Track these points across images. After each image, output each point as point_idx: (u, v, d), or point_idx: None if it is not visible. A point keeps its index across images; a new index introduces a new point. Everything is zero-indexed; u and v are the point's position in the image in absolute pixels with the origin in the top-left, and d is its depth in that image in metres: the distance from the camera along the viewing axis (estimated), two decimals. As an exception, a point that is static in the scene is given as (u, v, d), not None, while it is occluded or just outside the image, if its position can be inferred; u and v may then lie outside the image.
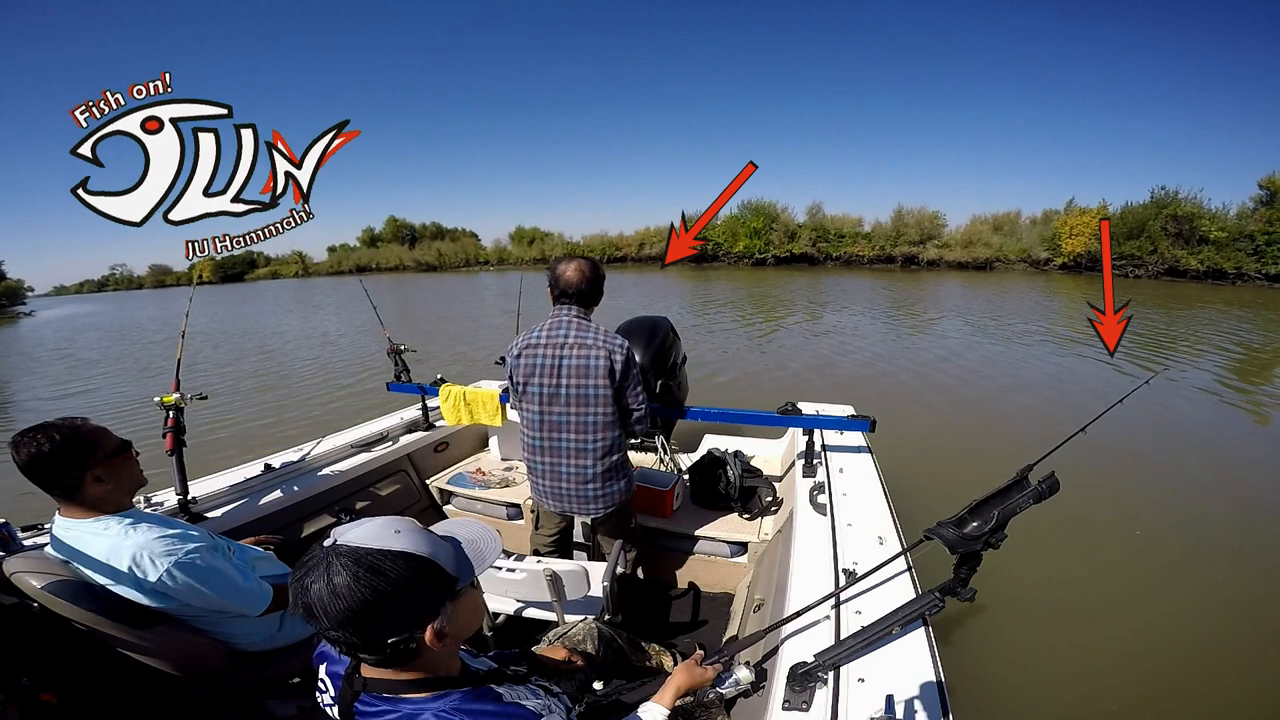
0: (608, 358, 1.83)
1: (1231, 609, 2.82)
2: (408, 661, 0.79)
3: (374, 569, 0.71)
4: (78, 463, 1.30)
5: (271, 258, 69.02)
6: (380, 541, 0.73)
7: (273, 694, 1.54)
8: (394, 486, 2.81)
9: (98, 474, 1.33)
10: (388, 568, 0.72)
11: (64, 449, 1.28)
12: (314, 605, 0.70)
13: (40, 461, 1.26)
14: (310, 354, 11.14)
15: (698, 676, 1.24)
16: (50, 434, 1.27)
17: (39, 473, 1.28)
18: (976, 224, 28.94)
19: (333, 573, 0.70)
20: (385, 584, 0.71)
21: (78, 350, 14.83)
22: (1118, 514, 3.69)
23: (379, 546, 0.73)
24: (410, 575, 0.73)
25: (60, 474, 1.29)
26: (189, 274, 75.79)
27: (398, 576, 0.72)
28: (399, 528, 0.76)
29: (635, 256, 37.18)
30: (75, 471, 1.30)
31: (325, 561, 0.71)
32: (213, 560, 1.42)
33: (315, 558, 0.73)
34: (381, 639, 0.74)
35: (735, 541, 2.40)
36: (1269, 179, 21.83)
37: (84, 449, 1.31)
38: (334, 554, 0.72)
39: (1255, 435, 5.37)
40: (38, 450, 1.25)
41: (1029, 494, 1.22)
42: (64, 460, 1.28)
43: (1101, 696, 2.32)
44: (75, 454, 1.30)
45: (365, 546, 0.72)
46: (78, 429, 1.32)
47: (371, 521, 0.77)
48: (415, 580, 0.74)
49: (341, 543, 0.73)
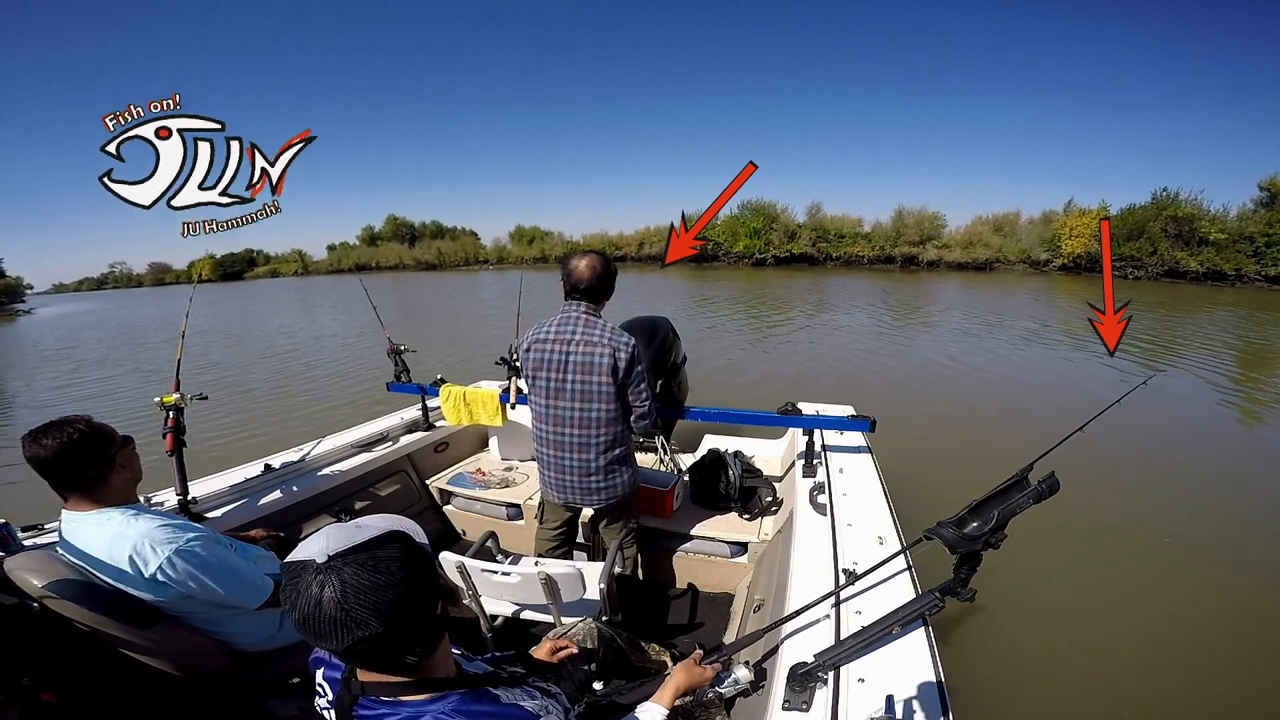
0: (612, 355, 1.85)
1: (1233, 610, 2.82)
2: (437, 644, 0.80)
3: (380, 558, 0.70)
4: (104, 451, 1.35)
5: (271, 256, 69.07)
6: (357, 538, 0.71)
7: (273, 694, 1.54)
8: (394, 486, 2.80)
9: (121, 461, 1.39)
10: (389, 550, 0.72)
11: (89, 440, 1.33)
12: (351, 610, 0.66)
13: (68, 453, 1.30)
14: (310, 354, 11.14)
15: (697, 676, 1.24)
16: (74, 426, 1.31)
17: (66, 465, 1.31)
18: (976, 225, 28.93)
19: (348, 577, 0.67)
20: (398, 565, 0.71)
21: (75, 351, 14.81)
22: (1118, 514, 3.69)
23: (362, 540, 0.71)
24: (408, 548, 0.74)
25: (89, 464, 1.33)
26: (188, 272, 75.89)
27: (402, 554, 0.73)
28: (355, 525, 0.76)
29: (635, 256, 37.13)
30: (104, 460, 1.35)
31: (328, 575, 0.67)
32: (214, 550, 1.43)
33: (316, 576, 0.67)
34: (426, 617, 0.75)
35: (735, 541, 2.41)
36: (1269, 181, 21.81)
37: (105, 439, 1.37)
38: (332, 567, 0.68)
39: (1256, 435, 5.38)
40: (67, 440, 1.29)
41: (1029, 494, 1.22)
42: (91, 450, 1.33)
43: (1101, 697, 2.32)
44: (100, 444, 1.35)
45: (352, 545, 0.70)
46: (91, 421, 1.36)
47: (325, 531, 0.74)
48: (414, 551, 0.75)
49: (333, 552, 0.69)
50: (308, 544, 0.72)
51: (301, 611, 0.68)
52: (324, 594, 0.67)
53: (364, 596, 0.67)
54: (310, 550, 0.70)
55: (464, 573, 1.72)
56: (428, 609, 0.76)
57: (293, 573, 0.69)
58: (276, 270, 64.35)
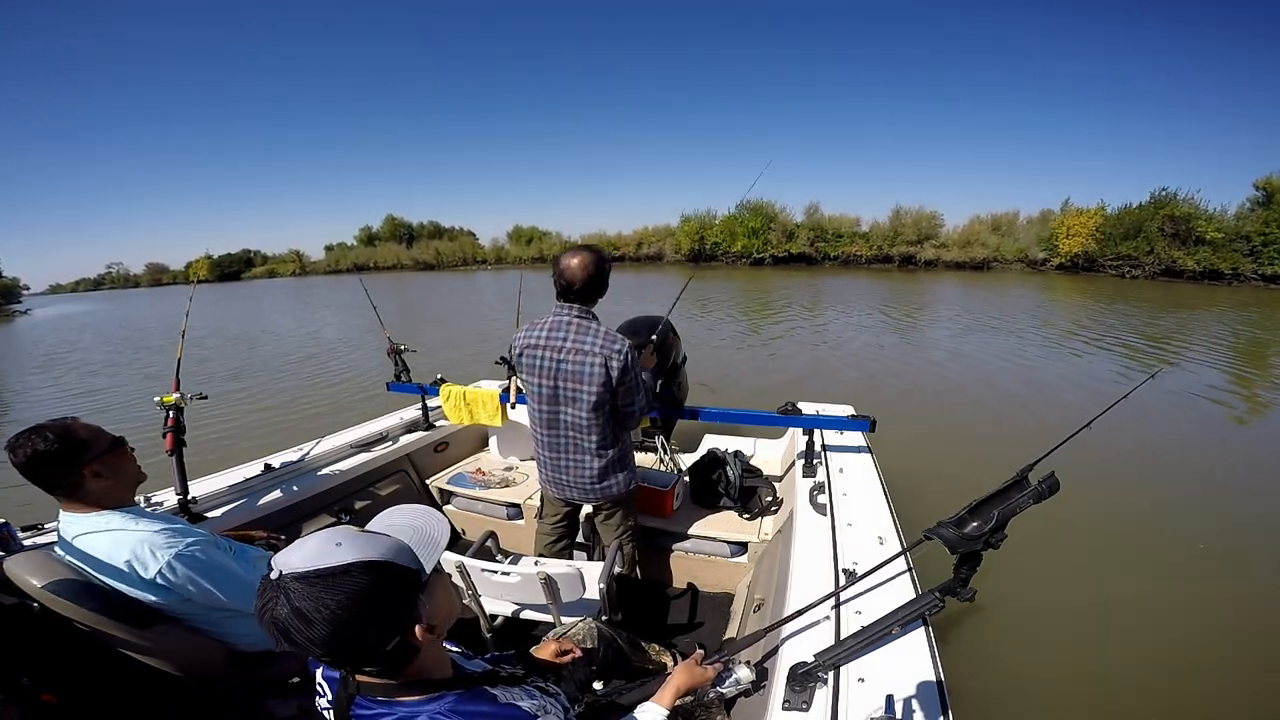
0: (604, 365, 1.80)
1: (1234, 610, 2.83)
2: (405, 665, 0.78)
3: (330, 587, 0.68)
4: (74, 460, 1.32)
5: (269, 256, 68.96)
6: (324, 559, 0.70)
7: (273, 694, 1.54)
8: (394, 486, 2.80)
9: (96, 469, 1.35)
10: (342, 583, 0.69)
11: (59, 448, 1.29)
12: (291, 632, 0.68)
13: (38, 461, 1.28)
14: (310, 354, 11.12)
15: (697, 676, 1.24)
16: (44, 434, 1.29)
17: (39, 473, 1.29)
18: (974, 224, 28.97)
19: (293, 601, 0.68)
20: (347, 599, 0.69)
21: (73, 354, 14.76)
22: (1118, 514, 3.69)
23: (324, 565, 0.70)
24: (370, 582, 0.71)
25: (59, 472, 1.31)
26: (185, 272, 75.74)
27: (357, 588, 0.69)
28: (339, 539, 0.73)
29: (633, 256, 37.13)
30: (73, 469, 1.32)
31: (277, 594, 0.69)
32: (213, 554, 1.43)
33: (267, 591, 0.70)
34: (375, 650, 0.74)
35: (735, 541, 2.41)
36: (1266, 180, 21.88)
37: (78, 446, 1.33)
38: (281, 585, 0.69)
39: (1257, 435, 5.39)
40: (34, 451, 1.27)
41: (1029, 494, 1.22)
42: (61, 459, 1.30)
43: (1101, 697, 2.33)
44: (71, 452, 1.31)
45: (312, 569, 0.69)
46: (69, 428, 1.33)
47: (309, 540, 0.74)
48: (378, 585, 0.71)
49: (286, 572, 0.70)
50: (288, 550, 0.73)
51: (259, 616, 0.70)
52: (276, 609, 0.69)
53: (303, 622, 0.68)
54: (281, 560, 0.71)
55: (464, 572, 1.72)
56: (377, 641, 0.73)
57: (262, 580, 0.72)
58: (274, 271, 64.27)
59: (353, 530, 0.77)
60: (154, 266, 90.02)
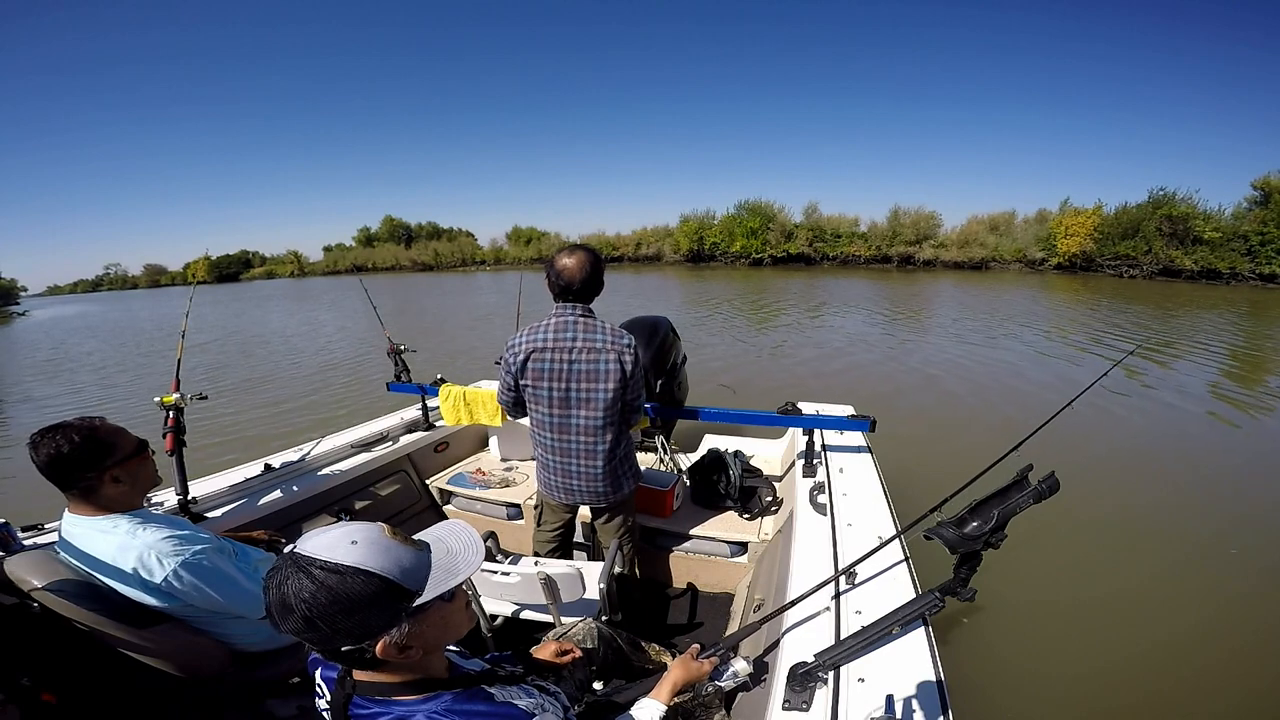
0: (618, 360, 1.80)
1: (1234, 609, 2.83)
2: (372, 668, 0.79)
3: (321, 582, 0.70)
4: (96, 463, 1.31)
5: (267, 257, 68.90)
6: (333, 553, 0.72)
7: (273, 694, 1.54)
8: (394, 486, 2.80)
9: (116, 474, 1.34)
10: (334, 582, 0.71)
11: (82, 450, 1.29)
12: (273, 608, 0.72)
13: (59, 462, 1.27)
14: (310, 353, 11.11)
15: (694, 670, 1.24)
16: (69, 434, 1.27)
17: (57, 472, 1.29)
18: (972, 224, 28.99)
19: (288, 580, 0.71)
20: (329, 597, 0.70)
21: (71, 355, 14.73)
22: (1119, 514, 3.70)
23: (329, 559, 0.72)
24: (358, 590, 0.71)
25: (78, 475, 1.30)
26: (183, 274, 75.65)
27: (344, 591, 0.71)
28: (357, 538, 0.75)
29: (632, 256, 37.16)
30: (93, 473, 1.31)
31: (282, 568, 0.72)
32: (218, 562, 1.42)
33: (280, 563, 0.74)
34: (333, 646, 0.75)
35: (735, 541, 2.41)
36: (1263, 180, 21.92)
37: (102, 450, 1.32)
38: (290, 561, 0.73)
39: (1256, 435, 5.40)
40: (56, 451, 1.26)
41: (1029, 494, 1.22)
42: (82, 461, 1.29)
43: (1101, 697, 2.33)
44: (94, 455, 1.30)
45: (317, 557, 0.72)
46: (95, 429, 1.32)
47: (332, 530, 0.76)
48: (363, 595, 0.72)
49: (300, 550, 0.73)
50: (314, 533, 0.76)
51: (265, 585, 0.74)
52: (274, 580, 0.73)
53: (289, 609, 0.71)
54: (302, 540, 0.75)
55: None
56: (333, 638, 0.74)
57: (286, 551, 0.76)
58: (272, 271, 64.26)
59: (376, 534, 0.77)
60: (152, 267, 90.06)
